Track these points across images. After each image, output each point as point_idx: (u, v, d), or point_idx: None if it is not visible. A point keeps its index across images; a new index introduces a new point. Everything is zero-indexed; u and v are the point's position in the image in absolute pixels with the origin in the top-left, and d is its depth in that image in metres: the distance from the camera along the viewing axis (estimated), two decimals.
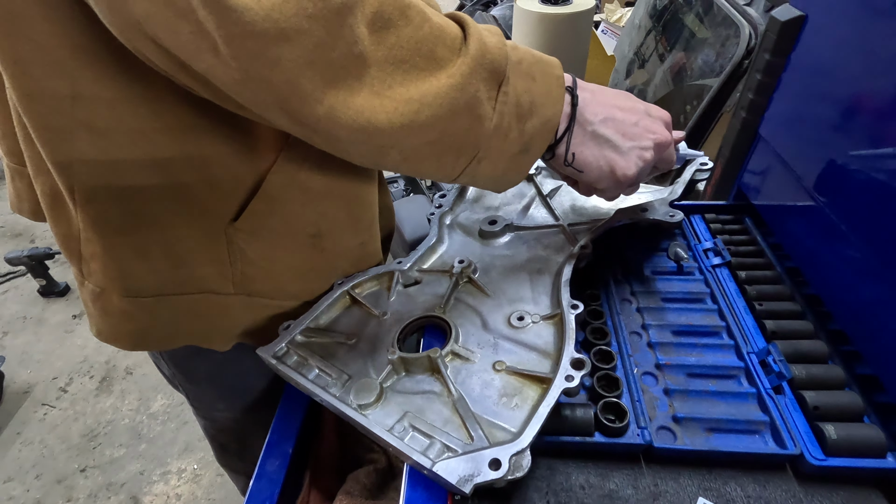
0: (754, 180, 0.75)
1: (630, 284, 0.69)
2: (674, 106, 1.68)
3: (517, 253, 0.66)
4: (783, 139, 0.68)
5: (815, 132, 0.62)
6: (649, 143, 0.51)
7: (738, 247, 0.71)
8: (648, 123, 0.51)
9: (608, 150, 0.50)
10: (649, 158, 0.51)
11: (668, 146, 0.53)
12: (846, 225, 0.55)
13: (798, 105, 0.65)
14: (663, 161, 0.55)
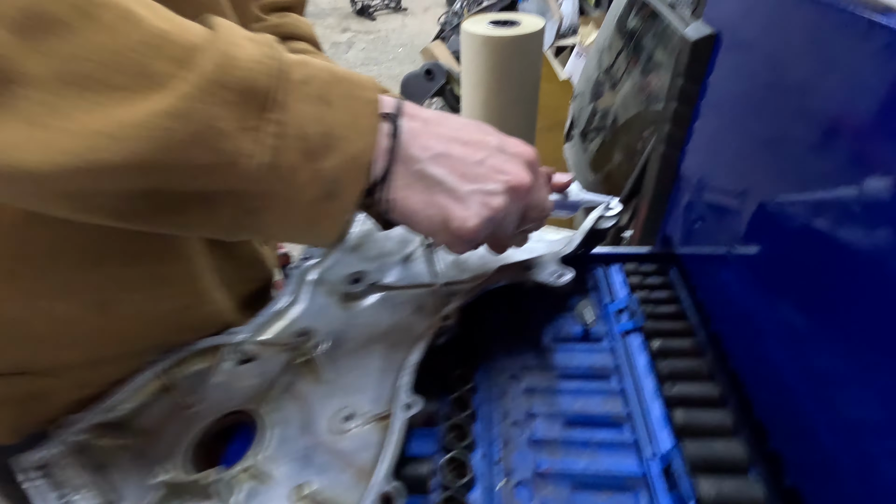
0: (678, 224, 0.63)
1: (523, 356, 0.56)
2: (633, 132, 1.59)
3: (379, 320, 0.54)
4: (703, 177, 0.57)
5: (736, 169, 0.50)
6: (498, 186, 0.39)
7: (657, 306, 0.59)
8: (499, 162, 0.39)
9: (441, 195, 0.38)
10: (498, 206, 0.39)
11: (527, 190, 0.41)
12: (770, 281, 0.44)
13: (716, 138, 0.54)
14: (532, 209, 0.44)
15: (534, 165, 0.42)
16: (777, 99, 0.44)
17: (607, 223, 0.57)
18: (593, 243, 0.60)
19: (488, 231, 0.41)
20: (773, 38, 0.45)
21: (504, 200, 0.39)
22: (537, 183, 0.43)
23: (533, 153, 0.42)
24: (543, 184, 0.44)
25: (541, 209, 0.45)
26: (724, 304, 0.53)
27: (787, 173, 0.42)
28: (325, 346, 0.51)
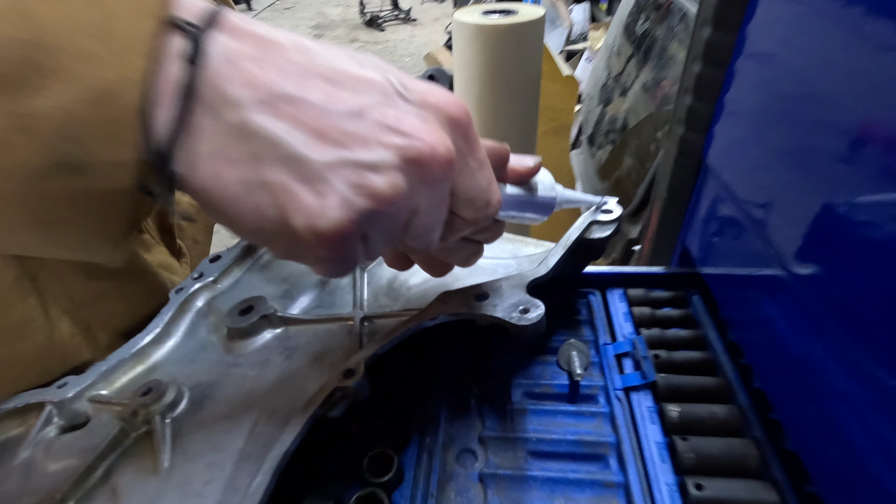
0: (702, 234, 0.46)
1: (482, 419, 0.39)
2: (644, 134, 1.42)
3: (263, 373, 0.37)
4: (741, 171, 0.40)
5: (791, 161, 0.33)
6: (387, 155, 0.23)
7: (675, 351, 0.42)
8: (394, 116, 0.23)
9: (276, 168, 0.22)
10: (385, 191, 0.23)
11: (445, 166, 0.24)
12: (848, 319, 0.26)
13: (764, 114, 0.37)
14: (465, 203, 0.27)
15: (463, 128, 0.26)
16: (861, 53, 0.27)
17: (602, 231, 0.40)
18: (583, 260, 0.43)
19: (381, 239, 0.25)
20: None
21: (398, 182, 0.23)
22: (471, 158, 0.27)
23: (461, 109, 0.26)
24: (483, 163, 0.28)
25: (481, 204, 0.28)
26: (774, 348, 0.35)
27: (869, 165, 0.25)
28: (178, 412, 0.35)
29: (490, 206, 0.28)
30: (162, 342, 0.41)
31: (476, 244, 0.34)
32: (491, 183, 0.28)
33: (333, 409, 0.31)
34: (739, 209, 0.39)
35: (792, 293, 0.32)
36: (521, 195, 0.33)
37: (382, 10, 5.94)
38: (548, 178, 0.35)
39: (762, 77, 0.36)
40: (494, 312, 0.33)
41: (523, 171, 0.33)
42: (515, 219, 0.34)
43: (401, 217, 0.24)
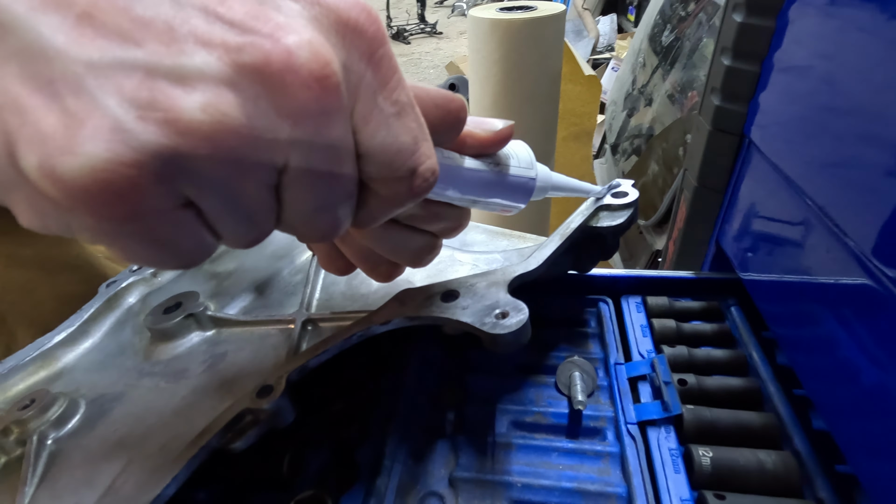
0: (745, 234, 0.37)
1: (456, 454, 0.31)
2: (672, 140, 1.32)
3: (181, 383, 0.30)
4: (797, 148, 0.31)
5: (875, 130, 0.24)
6: (207, 59, 0.14)
7: (706, 376, 0.33)
8: (227, 6, 0.15)
9: (3, 67, 0.13)
10: (195, 120, 0.14)
11: (315, 87, 0.15)
12: None
13: (830, 74, 0.28)
14: (375, 169, 0.18)
15: (366, 43, 0.17)
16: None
17: (613, 219, 0.31)
18: (588, 256, 0.34)
19: (225, 212, 0.16)
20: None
21: (224, 104, 0.14)
22: (381, 95, 0.17)
23: (364, 12, 0.17)
24: (404, 107, 0.18)
25: (401, 170, 0.19)
26: (845, 379, 0.26)
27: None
28: (65, 431, 0.28)
29: (417, 177, 0.19)
30: (75, 343, 0.34)
31: (427, 236, 0.25)
32: (418, 140, 0.19)
33: (239, 438, 0.23)
34: (797, 197, 0.30)
35: (878, 306, 0.23)
36: (482, 171, 0.24)
37: (409, 23, 5.99)
38: (525, 152, 0.26)
39: (831, 16, 0.27)
40: (462, 317, 0.25)
41: (485, 138, 0.24)
42: (477, 204, 0.25)
43: (250, 172, 0.15)
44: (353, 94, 0.17)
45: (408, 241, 0.25)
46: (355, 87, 0.17)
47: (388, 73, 0.17)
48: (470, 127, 0.23)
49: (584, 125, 1.65)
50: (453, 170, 0.23)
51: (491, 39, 1.21)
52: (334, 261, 0.27)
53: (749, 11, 0.32)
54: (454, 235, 0.26)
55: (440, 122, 0.21)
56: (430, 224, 0.25)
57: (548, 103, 1.31)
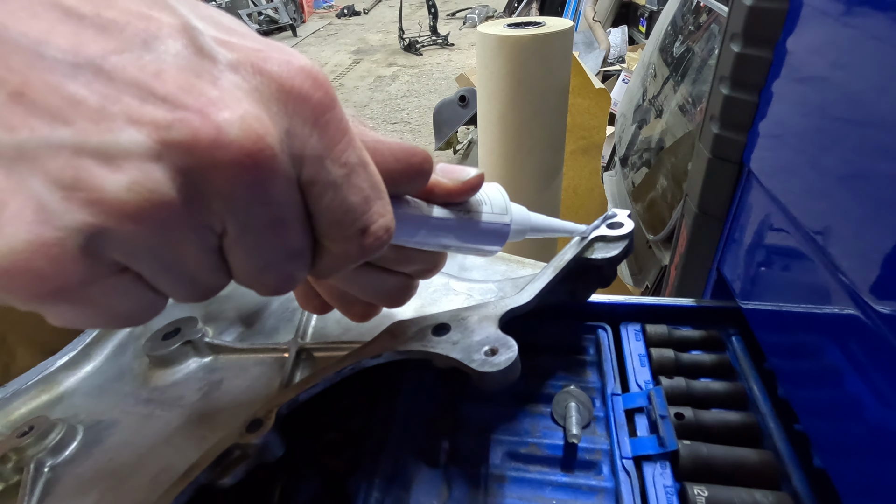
0: (745, 261, 0.36)
1: (449, 485, 0.31)
2: (681, 153, 1.31)
3: (176, 411, 0.30)
4: (794, 178, 0.30)
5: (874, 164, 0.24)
6: (135, 136, 0.14)
7: (703, 409, 0.32)
8: (157, 69, 0.15)
9: None
10: (119, 200, 0.14)
11: (245, 162, 0.15)
12: None
13: (827, 103, 0.28)
14: (327, 230, 0.19)
15: (310, 110, 0.17)
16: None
17: (608, 251, 0.31)
18: (584, 287, 0.34)
19: (167, 275, 0.16)
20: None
21: (150, 182, 0.14)
22: (329, 159, 0.17)
23: (310, 79, 0.17)
24: (354, 168, 0.18)
25: (350, 231, 0.19)
26: (842, 415, 0.25)
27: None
28: (62, 458, 0.28)
29: (368, 236, 0.19)
30: (77, 367, 0.35)
31: (401, 277, 0.25)
32: (370, 200, 0.19)
33: (227, 474, 0.23)
34: (793, 228, 0.29)
35: (877, 344, 0.22)
36: (450, 219, 0.24)
37: (421, 35, 6.05)
38: (499, 197, 0.26)
39: (826, 49, 0.27)
40: (452, 352, 0.25)
41: (452, 188, 0.24)
42: (449, 249, 0.25)
43: (184, 242, 0.16)
44: (299, 159, 0.17)
45: (381, 283, 0.25)
46: (300, 153, 0.17)
47: (335, 136, 0.17)
48: (438, 176, 0.24)
49: (593, 138, 1.64)
50: (419, 219, 0.23)
51: (498, 55, 1.22)
52: (310, 300, 0.27)
53: (746, 42, 0.32)
54: (430, 276, 0.26)
55: (401, 176, 0.21)
56: (403, 266, 0.25)
57: (556, 118, 1.31)
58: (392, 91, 4.79)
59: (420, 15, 6.93)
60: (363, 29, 7.43)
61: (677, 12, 1.70)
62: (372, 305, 0.26)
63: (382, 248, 0.20)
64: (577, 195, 1.74)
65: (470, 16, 6.62)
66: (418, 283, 0.27)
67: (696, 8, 1.59)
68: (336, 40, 6.91)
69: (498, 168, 1.38)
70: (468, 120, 2.99)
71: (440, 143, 3.12)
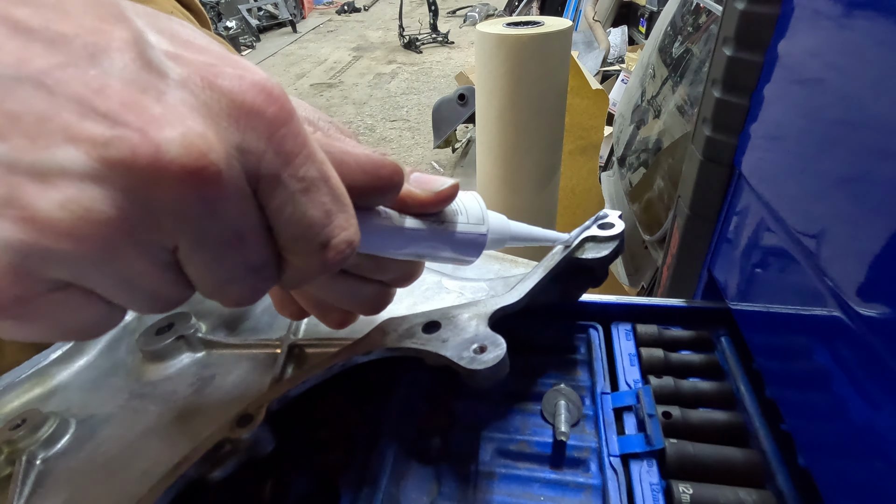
0: (735, 263, 0.37)
1: (439, 481, 0.31)
2: (679, 154, 1.31)
3: (169, 406, 0.30)
4: (784, 182, 0.31)
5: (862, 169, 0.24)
6: (73, 155, 0.14)
7: (691, 409, 0.33)
8: (101, 85, 0.14)
9: None
10: (53, 219, 0.14)
11: (189, 181, 0.15)
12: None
13: (818, 108, 0.29)
14: (288, 244, 0.19)
15: (266, 125, 0.17)
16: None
17: (598, 251, 0.31)
18: (575, 287, 0.34)
19: (121, 289, 0.16)
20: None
21: (86, 201, 0.14)
22: (286, 173, 0.17)
23: (264, 93, 0.17)
24: (313, 183, 0.18)
25: (311, 246, 0.19)
26: (826, 415, 0.26)
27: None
28: (54, 451, 0.28)
29: (329, 250, 0.19)
30: (70, 360, 0.35)
31: (377, 285, 0.25)
32: (331, 214, 0.18)
33: (217, 468, 0.23)
34: (781, 230, 0.30)
35: (860, 347, 0.23)
36: (422, 230, 0.24)
37: (421, 32, 6.04)
38: (475, 206, 0.26)
39: (816, 54, 0.27)
40: (441, 350, 0.25)
41: (425, 199, 0.23)
42: (424, 258, 0.25)
43: (131, 258, 0.15)
44: (254, 175, 0.17)
45: (357, 291, 0.25)
46: (255, 168, 0.17)
47: (292, 150, 0.17)
48: (411, 186, 0.23)
49: (590, 139, 1.65)
50: (391, 230, 0.23)
51: (497, 54, 1.22)
52: (287, 305, 0.27)
53: (738, 45, 0.33)
54: (407, 285, 0.26)
55: (369, 189, 0.21)
56: (379, 274, 0.25)
57: (554, 117, 1.31)
58: (391, 88, 4.79)
59: (420, 12, 6.92)
60: (363, 26, 7.42)
61: (677, 13, 1.70)
62: (349, 313, 0.26)
63: (345, 261, 0.19)
64: (575, 195, 1.75)
65: (470, 14, 6.62)
66: (395, 291, 0.27)
67: (695, 9, 1.59)
68: (336, 37, 6.90)
69: (496, 167, 1.38)
70: (467, 118, 2.99)
71: (439, 142, 3.12)
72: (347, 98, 4.57)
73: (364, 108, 4.34)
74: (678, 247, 0.43)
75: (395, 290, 0.27)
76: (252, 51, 6.28)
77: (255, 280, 0.19)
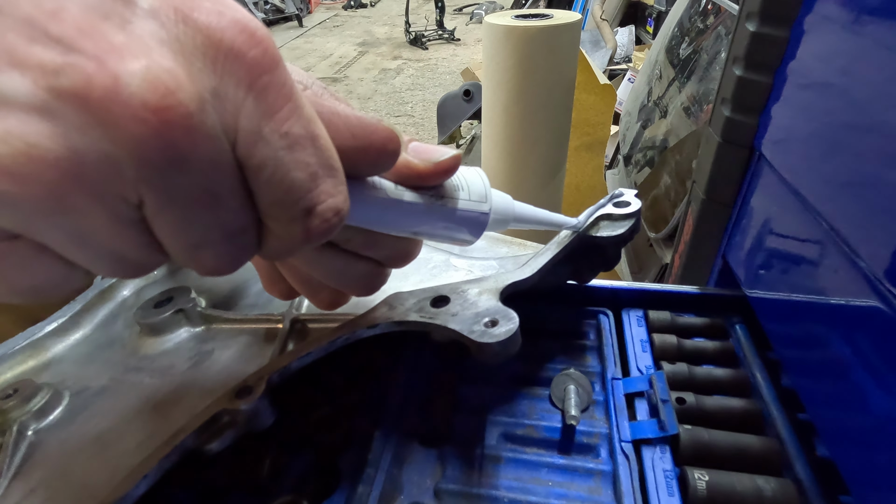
0: (752, 249, 0.36)
1: (443, 464, 0.30)
2: (686, 151, 1.30)
3: (166, 379, 0.29)
4: (808, 163, 0.29)
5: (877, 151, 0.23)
6: (19, 83, 0.12)
7: (705, 395, 0.31)
8: (55, 7, 0.12)
9: None
10: None
11: (152, 122, 0.13)
12: None
13: (839, 86, 0.27)
14: (268, 208, 0.17)
15: (246, 69, 0.15)
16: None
17: (614, 229, 0.30)
18: (587, 267, 0.33)
19: (79, 245, 0.14)
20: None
21: (32, 136, 0.12)
22: (268, 126, 0.15)
23: (246, 33, 0.15)
24: (297, 140, 0.16)
25: (294, 211, 0.17)
26: (849, 404, 0.24)
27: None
28: (46, 422, 0.27)
29: (314, 217, 0.17)
30: (66, 333, 0.34)
31: (370, 263, 0.23)
32: (317, 178, 0.17)
33: (215, 439, 0.22)
34: (808, 215, 0.29)
35: (888, 331, 0.21)
36: (419, 204, 0.22)
37: (427, 29, 6.03)
38: (478, 184, 0.24)
39: (849, 25, 0.26)
40: (450, 323, 0.24)
41: (422, 170, 0.21)
42: (420, 236, 0.23)
43: (87, 209, 0.13)
44: (231, 125, 0.15)
45: (348, 268, 0.23)
46: (233, 119, 0.15)
47: (276, 101, 0.15)
48: (409, 156, 0.21)
49: (597, 135, 1.64)
50: (383, 202, 0.21)
51: (505, 46, 1.21)
52: (275, 283, 0.25)
53: (762, 20, 0.31)
54: (403, 265, 0.24)
55: (359, 155, 0.19)
56: (371, 251, 0.23)
57: (561, 112, 1.30)
58: (396, 84, 4.77)
59: (427, 9, 6.89)
60: (369, 21, 7.40)
61: (684, 14, 1.69)
62: (340, 292, 0.24)
63: (331, 231, 0.18)
64: (580, 192, 1.74)
65: (477, 11, 6.60)
66: (390, 271, 0.25)
67: (703, 10, 1.58)
68: (342, 32, 6.88)
69: (501, 161, 1.37)
70: (472, 115, 2.98)
71: (443, 137, 3.11)
72: (352, 92, 4.56)
73: (369, 102, 4.33)
74: (691, 234, 0.42)
75: (390, 271, 0.25)
76: None
77: (232, 247, 0.17)
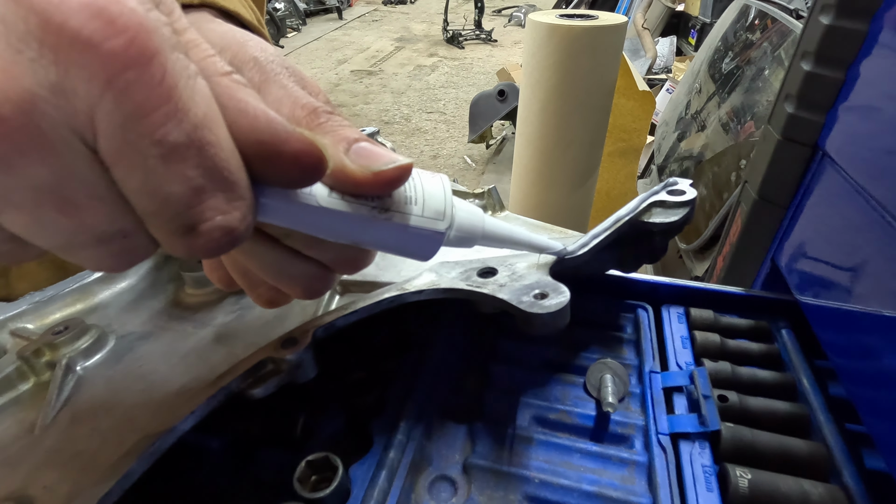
0: (807, 253, 0.34)
1: (473, 440, 0.30)
2: (724, 165, 1.27)
3: (208, 329, 0.30)
4: (884, 166, 0.28)
5: None
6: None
7: (749, 395, 0.30)
8: None
9: None
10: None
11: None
12: None
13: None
14: (147, 219, 0.15)
15: (105, 62, 0.12)
16: None
17: (667, 216, 0.29)
18: (634, 254, 0.33)
19: None
20: None
21: None
22: (134, 131, 0.13)
23: (101, 17, 0.12)
24: (174, 149, 0.13)
25: (173, 225, 0.14)
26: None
27: None
28: (92, 361, 0.28)
29: (197, 236, 0.15)
30: (112, 281, 0.35)
31: (313, 265, 0.20)
32: (202, 193, 0.14)
33: (258, 385, 0.22)
34: (879, 219, 0.27)
35: None
36: (352, 216, 0.18)
37: (465, 28, 6.03)
38: (437, 196, 0.20)
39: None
40: (499, 293, 0.24)
41: (360, 180, 0.18)
42: (365, 246, 0.20)
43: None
44: (87, 125, 0.13)
45: (286, 266, 0.20)
46: (86, 118, 0.13)
47: (145, 102, 0.13)
48: (348, 159, 0.18)
49: (632, 142, 1.61)
50: (313, 209, 0.17)
51: (547, 44, 1.20)
52: (214, 270, 0.22)
53: (839, 13, 0.30)
54: (353, 272, 0.21)
55: (265, 166, 0.16)
56: (314, 252, 0.20)
57: (598, 115, 1.28)
58: (430, 81, 4.79)
59: (466, 9, 6.90)
60: (408, 17, 7.44)
61: (729, 28, 1.65)
62: (279, 292, 0.21)
63: (222, 250, 0.15)
64: (610, 198, 1.71)
65: (516, 14, 6.58)
66: (337, 276, 0.21)
67: (749, 25, 1.54)
68: (380, 26, 6.94)
69: (533, 160, 1.36)
70: (504, 115, 2.97)
71: (473, 136, 3.10)
72: (386, 87, 4.59)
73: (402, 97, 4.35)
74: (739, 235, 0.40)
75: (337, 276, 0.21)
76: (297, 34, 6.36)
77: (112, 249, 0.15)
